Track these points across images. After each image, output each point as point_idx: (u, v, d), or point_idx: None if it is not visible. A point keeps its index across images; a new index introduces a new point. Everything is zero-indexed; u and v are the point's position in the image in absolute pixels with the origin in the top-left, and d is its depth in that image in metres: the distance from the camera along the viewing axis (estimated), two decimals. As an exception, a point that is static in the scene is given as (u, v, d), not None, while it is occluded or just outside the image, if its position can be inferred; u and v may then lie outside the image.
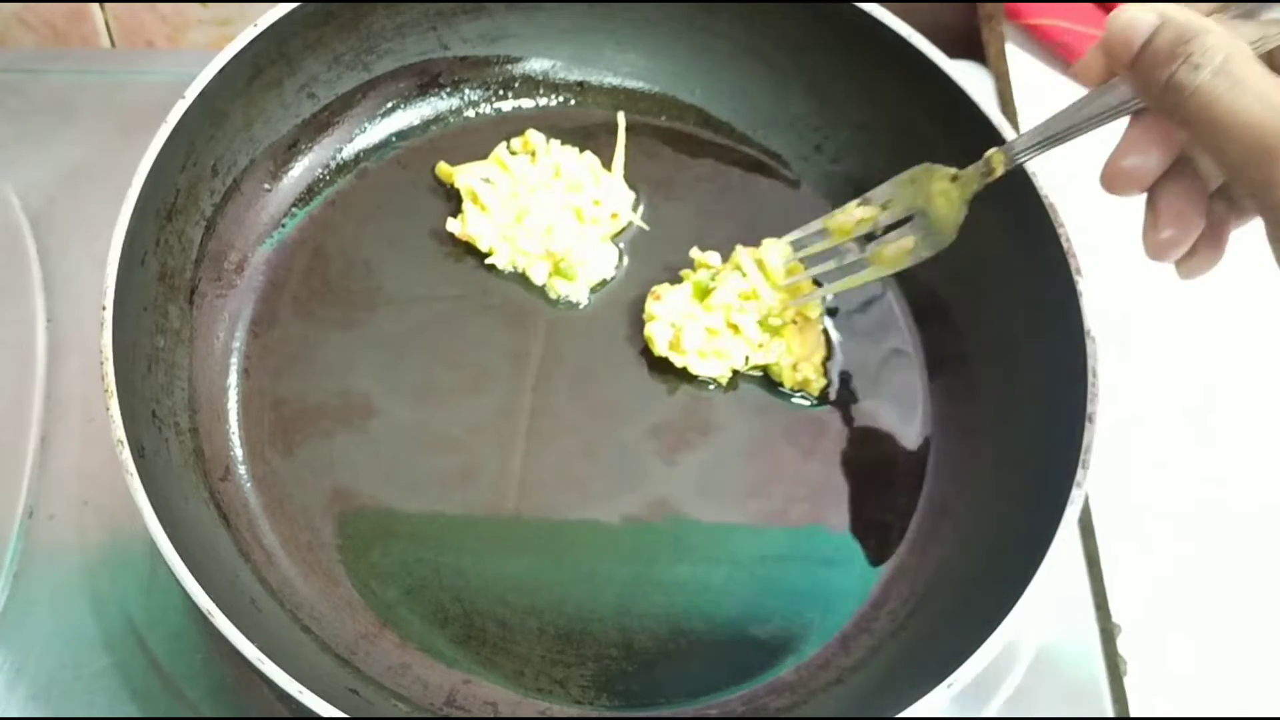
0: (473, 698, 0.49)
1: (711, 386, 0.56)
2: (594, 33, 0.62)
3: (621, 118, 0.62)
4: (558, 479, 0.54)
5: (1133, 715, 0.53)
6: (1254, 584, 0.56)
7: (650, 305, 0.56)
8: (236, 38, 0.53)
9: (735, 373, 0.56)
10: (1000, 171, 0.47)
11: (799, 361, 0.55)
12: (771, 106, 0.61)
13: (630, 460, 0.54)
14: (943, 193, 0.49)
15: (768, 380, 0.56)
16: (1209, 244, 0.43)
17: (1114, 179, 0.42)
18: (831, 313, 0.58)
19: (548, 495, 0.53)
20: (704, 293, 0.56)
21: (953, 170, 0.49)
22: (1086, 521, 0.57)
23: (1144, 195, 0.43)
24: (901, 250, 0.51)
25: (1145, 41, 0.38)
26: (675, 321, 0.55)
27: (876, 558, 0.53)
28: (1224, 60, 0.36)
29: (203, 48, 0.70)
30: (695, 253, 0.58)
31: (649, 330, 0.56)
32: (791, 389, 0.56)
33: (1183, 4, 0.39)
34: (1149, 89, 0.38)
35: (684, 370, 0.56)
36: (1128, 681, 0.54)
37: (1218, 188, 0.43)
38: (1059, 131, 0.44)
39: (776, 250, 0.56)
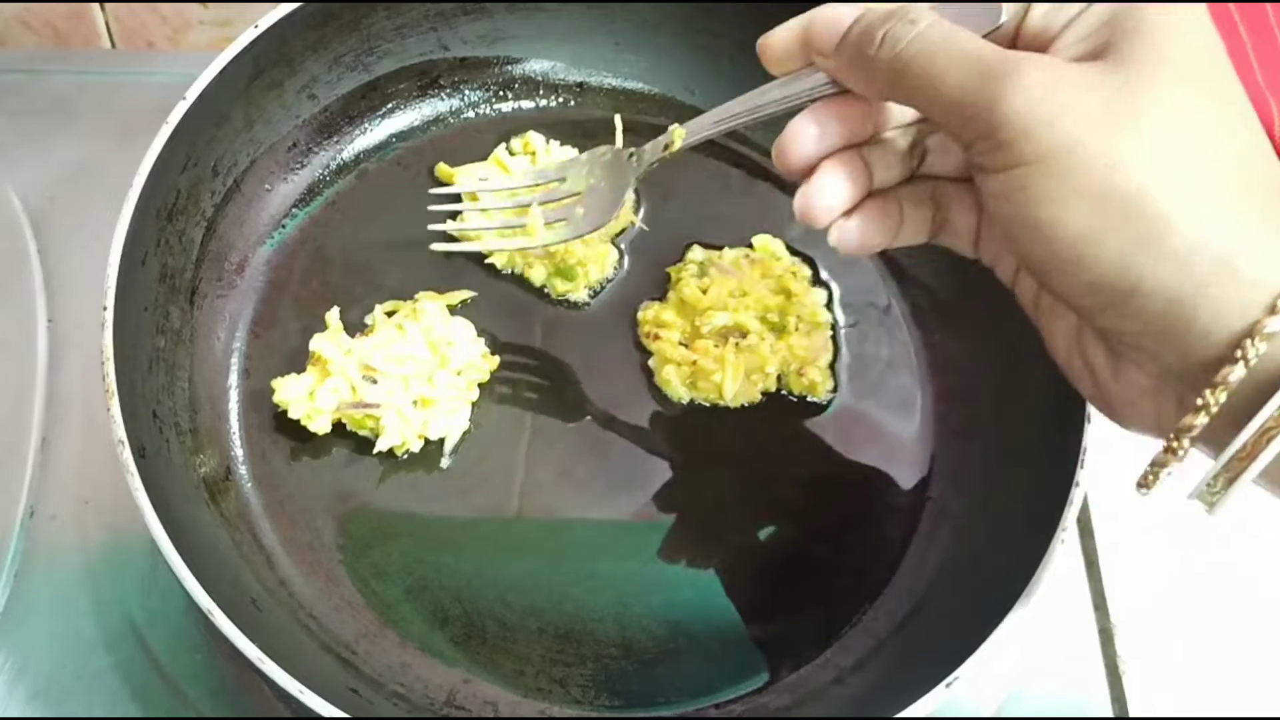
0: (473, 698, 0.49)
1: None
2: (594, 34, 0.62)
3: (619, 119, 0.62)
4: (558, 479, 0.54)
5: (1132, 715, 0.53)
6: (1253, 584, 0.56)
7: (653, 347, 0.56)
8: (237, 39, 0.53)
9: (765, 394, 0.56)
10: (678, 146, 0.48)
11: (804, 365, 0.55)
12: (771, 107, 0.61)
13: (630, 460, 0.54)
14: (612, 170, 0.52)
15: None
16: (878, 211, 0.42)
17: (812, 215, 0.41)
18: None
19: (548, 495, 0.53)
20: (692, 309, 0.56)
21: (630, 149, 0.52)
22: (1086, 521, 0.57)
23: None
24: (559, 226, 0.54)
25: (852, 23, 0.38)
26: (685, 356, 0.55)
27: (877, 558, 0.53)
28: (933, 20, 0.36)
29: (203, 48, 0.71)
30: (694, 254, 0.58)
31: (664, 375, 0.56)
32: (799, 394, 0.56)
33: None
34: (855, 61, 0.38)
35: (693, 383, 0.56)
36: (1127, 681, 0.54)
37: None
38: (743, 113, 0.44)
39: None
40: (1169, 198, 0.32)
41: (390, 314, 0.55)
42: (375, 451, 0.52)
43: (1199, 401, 0.33)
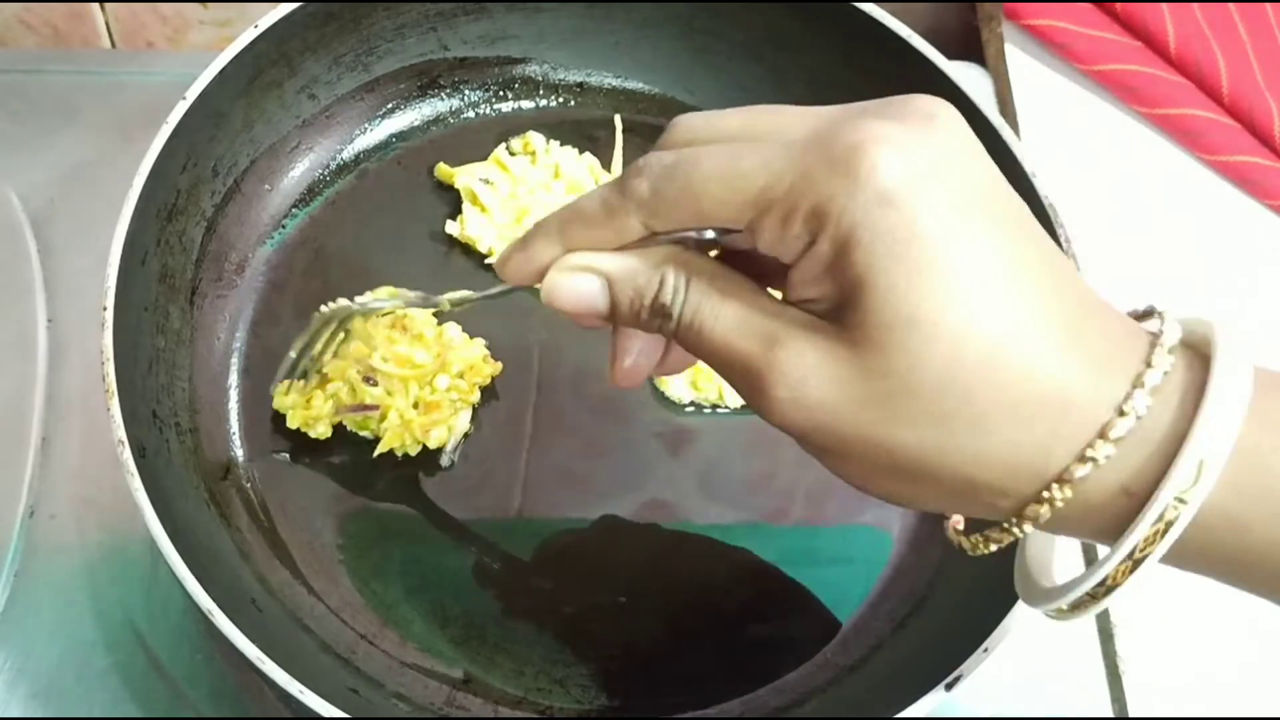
0: (473, 698, 0.49)
1: (711, 387, 0.56)
2: (594, 34, 0.62)
3: (618, 120, 0.62)
4: (558, 479, 0.54)
5: (1132, 715, 0.53)
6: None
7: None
8: (237, 39, 0.53)
9: None
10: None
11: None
12: (771, 107, 0.61)
13: (631, 460, 0.54)
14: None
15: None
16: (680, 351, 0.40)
17: (624, 380, 0.40)
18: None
19: (548, 495, 0.53)
20: None
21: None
22: (1086, 522, 0.57)
23: None
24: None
25: (608, 307, 0.36)
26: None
27: (876, 558, 0.53)
28: (689, 297, 0.34)
29: (203, 48, 0.70)
30: None
31: (663, 383, 0.55)
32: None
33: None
34: (637, 328, 0.37)
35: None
36: (1127, 681, 0.54)
37: None
38: (488, 295, 0.43)
39: None
40: (950, 458, 0.31)
41: (383, 315, 0.55)
42: (376, 454, 0.52)
43: (1004, 525, 0.33)
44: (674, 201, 0.33)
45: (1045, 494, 0.31)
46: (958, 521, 0.38)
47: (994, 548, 0.34)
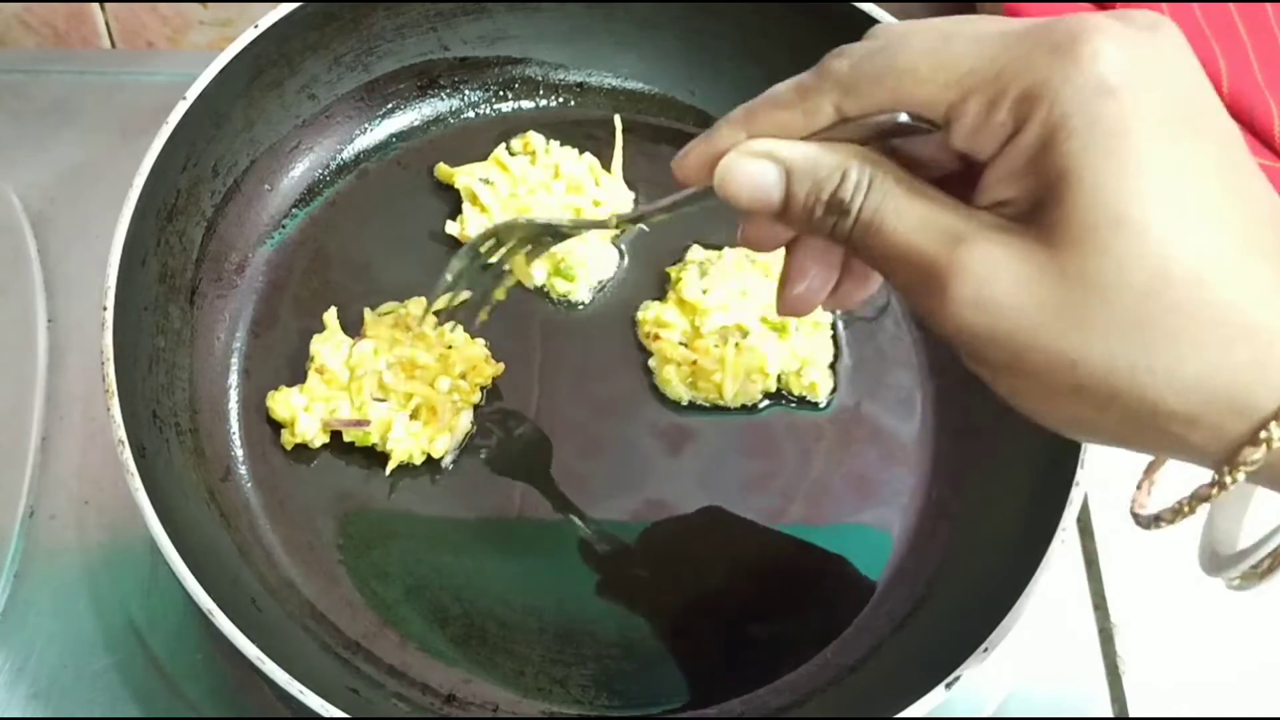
0: (473, 698, 0.49)
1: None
2: (594, 34, 0.62)
3: (618, 120, 0.62)
4: (558, 479, 0.54)
5: (1132, 715, 0.53)
6: (1253, 584, 0.56)
7: (653, 347, 0.56)
8: (237, 39, 0.53)
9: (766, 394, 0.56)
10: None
11: (804, 365, 0.55)
12: (771, 107, 0.61)
13: (631, 460, 0.54)
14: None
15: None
16: (854, 280, 0.40)
17: (792, 307, 0.39)
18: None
19: (548, 495, 0.53)
20: (692, 309, 0.56)
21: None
22: (1086, 521, 0.57)
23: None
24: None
25: (782, 200, 0.34)
26: (685, 356, 0.55)
27: (876, 558, 0.53)
28: (870, 195, 0.33)
29: (203, 49, 0.70)
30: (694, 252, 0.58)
31: (664, 375, 0.56)
32: (799, 394, 0.56)
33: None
34: (805, 231, 0.36)
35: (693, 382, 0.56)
36: (1127, 681, 0.54)
37: None
38: (663, 209, 0.41)
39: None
40: (1141, 378, 0.29)
41: (386, 314, 0.55)
42: (388, 472, 0.53)
43: (1216, 478, 0.31)
44: (875, 79, 0.32)
45: (1263, 433, 0.29)
46: (1142, 504, 0.36)
47: (1201, 508, 0.32)
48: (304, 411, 0.52)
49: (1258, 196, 0.30)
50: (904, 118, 0.32)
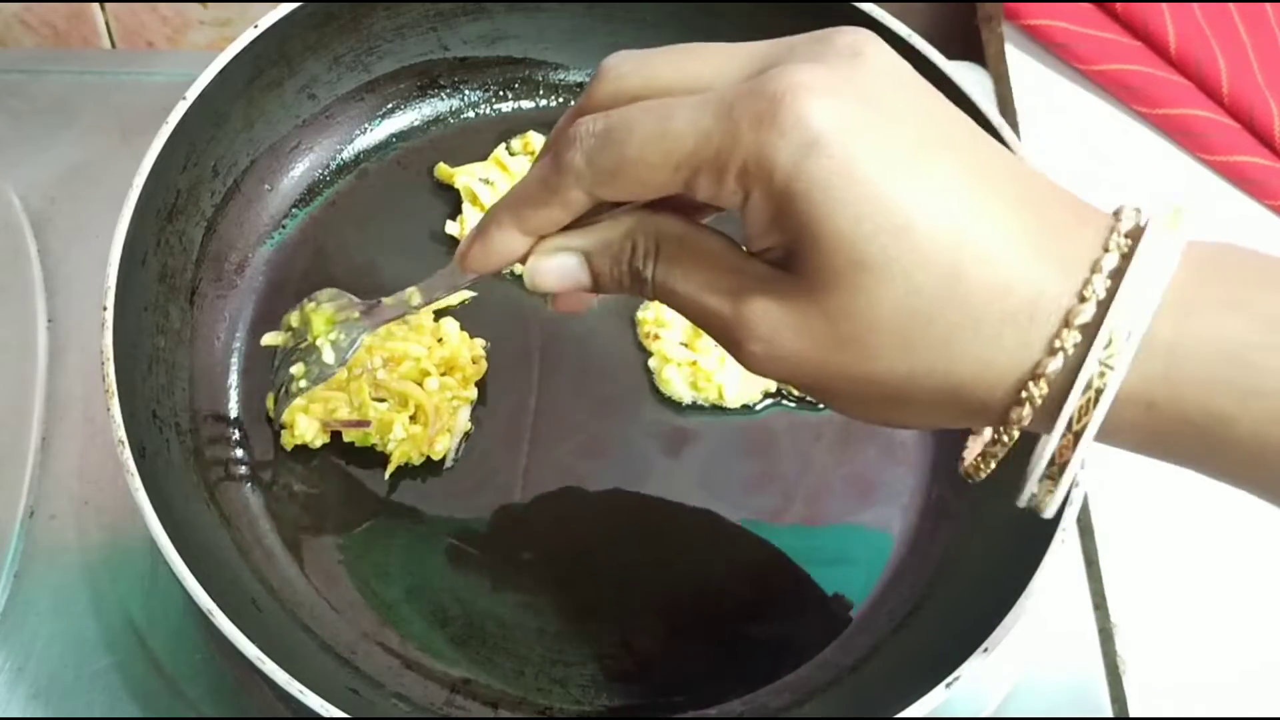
0: (473, 698, 0.49)
1: (711, 387, 0.56)
2: (594, 34, 0.62)
3: (621, 119, 0.62)
4: (558, 479, 0.54)
5: (1132, 715, 0.53)
6: (1253, 583, 0.56)
7: (653, 348, 0.56)
8: (237, 39, 0.53)
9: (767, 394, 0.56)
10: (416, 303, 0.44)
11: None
12: (771, 107, 0.61)
13: (631, 460, 0.54)
14: (327, 326, 0.48)
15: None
16: None
17: (565, 308, 0.41)
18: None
19: (548, 495, 0.53)
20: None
21: (333, 306, 0.48)
22: (1086, 521, 0.57)
23: None
24: (293, 378, 0.49)
25: (591, 279, 0.37)
26: (685, 356, 0.55)
27: (876, 558, 0.53)
28: (659, 260, 0.35)
29: (203, 49, 0.70)
30: None
31: (664, 375, 0.55)
32: (799, 394, 0.56)
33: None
34: (621, 293, 0.38)
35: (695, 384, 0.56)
36: (1127, 681, 0.54)
37: None
38: (458, 287, 0.43)
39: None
40: (924, 382, 0.32)
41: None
42: (387, 475, 0.53)
43: (994, 435, 0.33)
44: (611, 172, 0.34)
45: (1023, 393, 0.31)
46: (969, 460, 0.37)
47: (993, 464, 0.35)
48: (303, 413, 0.52)
49: (998, 173, 0.32)
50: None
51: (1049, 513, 0.35)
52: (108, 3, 0.68)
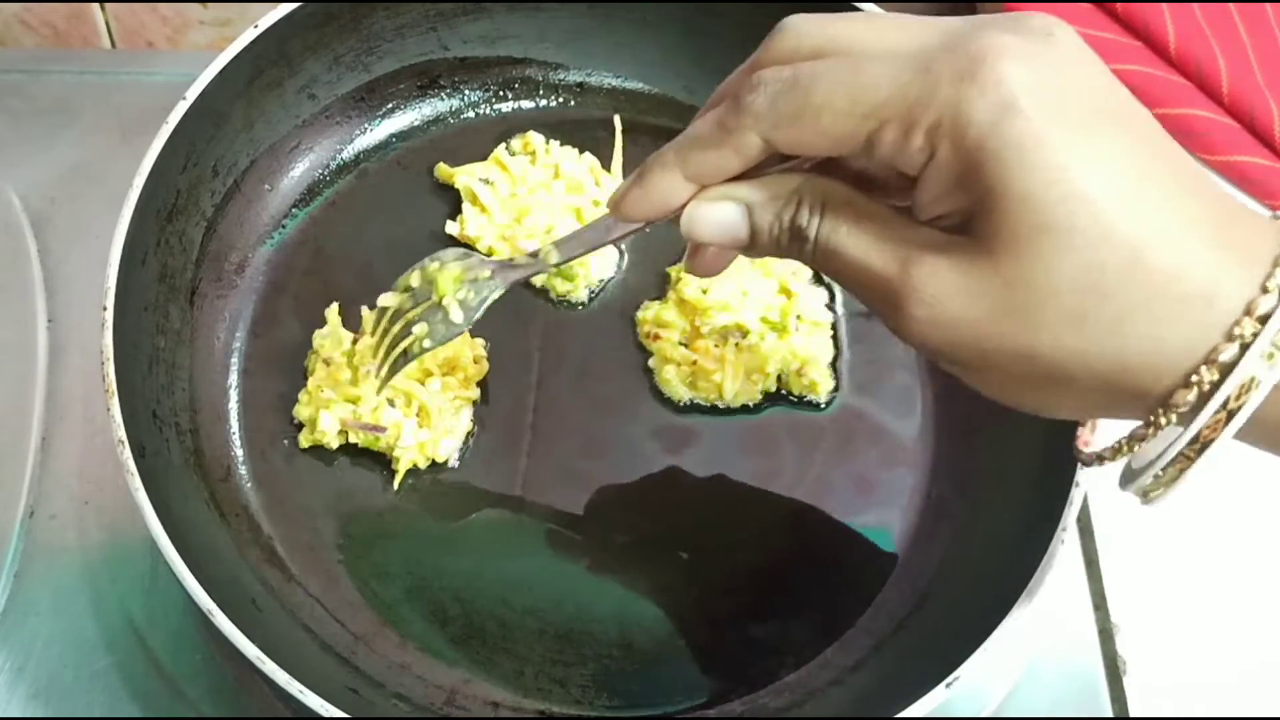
0: (473, 698, 0.49)
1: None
2: (594, 34, 0.62)
3: (618, 120, 0.62)
4: (559, 478, 0.54)
5: (1132, 715, 0.53)
6: (1253, 583, 0.57)
7: (653, 347, 0.56)
8: (237, 39, 0.53)
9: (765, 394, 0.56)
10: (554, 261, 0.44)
11: (804, 365, 0.55)
12: (771, 107, 0.61)
13: (631, 460, 0.54)
14: (454, 285, 0.47)
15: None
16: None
17: (702, 270, 0.42)
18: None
19: (549, 495, 0.53)
20: (692, 309, 0.56)
21: (461, 265, 0.47)
22: (1086, 521, 0.57)
23: None
24: (414, 338, 0.48)
25: (749, 234, 0.37)
26: (685, 356, 0.55)
27: (876, 558, 0.53)
28: (824, 221, 0.35)
29: (203, 49, 0.70)
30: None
31: (664, 375, 0.55)
32: (799, 394, 0.56)
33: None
34: (774, 256, 0.38)
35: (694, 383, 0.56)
36: (1127, 681, 0.54)
37: None
38: (602, 243, 0.42)
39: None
40: (1091, 363, 0.32)
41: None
42: (396, 483, 0.53)
43: (1151, 418, 0.33)
44: (794, 116, 0.34)
45: (1194, 377, 0.31)
46: (1086, 442, 0.37)
47: (1137, 449, 0.34)
48: (325, 410, 0.52)
49: (1179, 169, 0.33)
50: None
51: (1164, 501, 0.35)
52: (108, 3, 0.68)
